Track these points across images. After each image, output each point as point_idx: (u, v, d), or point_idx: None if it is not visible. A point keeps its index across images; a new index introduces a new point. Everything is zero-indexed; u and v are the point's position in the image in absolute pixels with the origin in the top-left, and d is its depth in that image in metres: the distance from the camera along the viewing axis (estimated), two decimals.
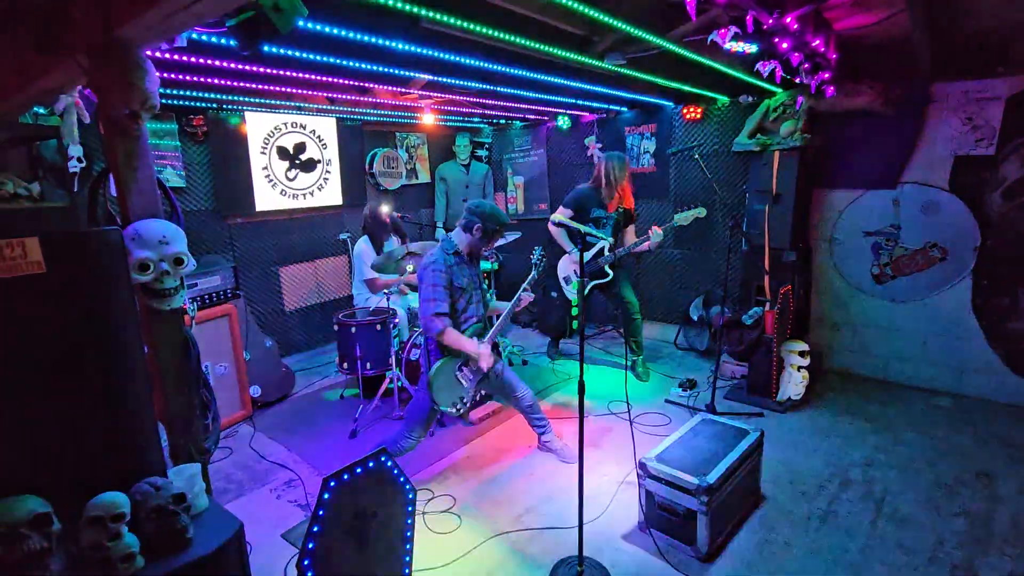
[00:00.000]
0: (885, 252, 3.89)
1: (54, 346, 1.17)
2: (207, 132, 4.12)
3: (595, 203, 3.96)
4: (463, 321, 2.74)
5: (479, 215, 2.67)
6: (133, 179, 1.57)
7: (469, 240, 2.72)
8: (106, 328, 1.24)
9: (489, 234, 2.70)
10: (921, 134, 3.63)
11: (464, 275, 2.71)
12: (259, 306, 4.60)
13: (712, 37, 1.90)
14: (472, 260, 2.80)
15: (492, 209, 2.70)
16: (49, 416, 1.16)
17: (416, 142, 5.87)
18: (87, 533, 1.11)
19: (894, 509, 2.53)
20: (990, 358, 3.57)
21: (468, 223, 2.70)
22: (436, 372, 2.64)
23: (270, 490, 2.91)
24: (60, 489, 1.14)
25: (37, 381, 1.15)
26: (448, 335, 2.60)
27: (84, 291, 1.20)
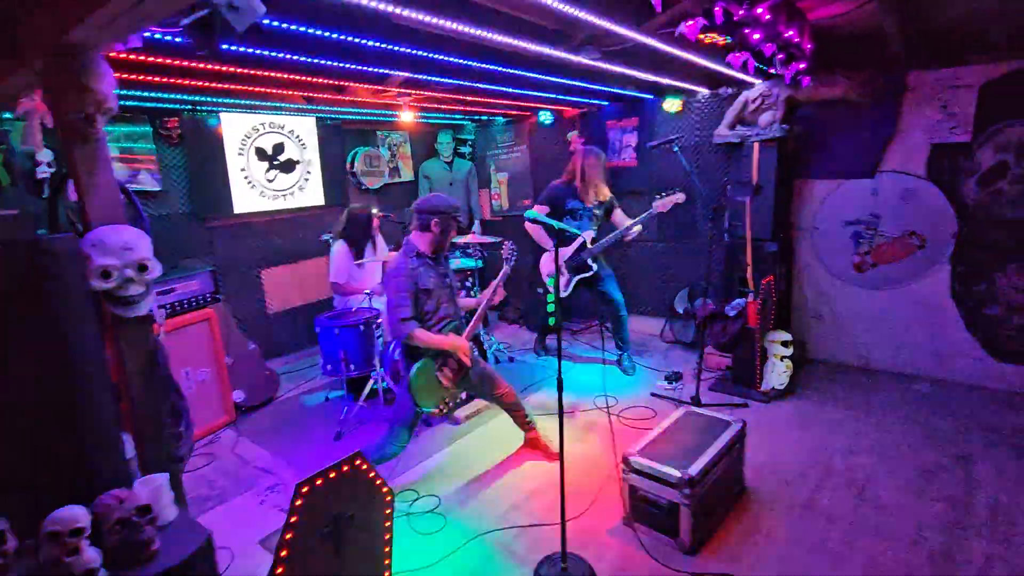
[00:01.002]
0: (865, 241, 3.91)
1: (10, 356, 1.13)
2: (182, 134, 4.06)
3: (570, 195, 3.97)
4: (437, 322, 2.70)
5: (430, 210, 2.64)
6: (92, 184, 1.53)
7: (431, 239, 2.68)
8: (61, 338, 1.21)
9: (448, 224, 2.67)
10: (898, 123, 3.65)
11: (429, 276, 2.67)
12: (241, 309, 4.54)
13: (679, 30, 1.89)
14: (437, 260, 2.75)
15: (439, 199, 2.68)
16: (2, 429, 1.13)
17: (398, 140, 5.82)
18: (45, 549, 1.08)
19: (875, 496, 2.55)
20: (969, 343, 3.61)
21: (423, 222, 2.65)
22: (416, 374, 2.61)
23: (254, 495, 2.88)
24: (17, 504, 1.11)
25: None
26: (418, 335, 2.58)
27: (35, 300, 1.17)
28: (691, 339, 4.66)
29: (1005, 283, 3.43)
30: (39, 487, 1.17)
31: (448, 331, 2.73)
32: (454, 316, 2.79)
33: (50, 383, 1.19)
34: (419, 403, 2.60)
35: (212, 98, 3.64)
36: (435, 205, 2.65)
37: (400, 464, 2.97)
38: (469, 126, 6.16)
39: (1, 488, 1.13)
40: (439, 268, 2.74)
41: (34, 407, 1.17)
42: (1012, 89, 3.24)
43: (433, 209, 2.63)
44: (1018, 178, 3.31)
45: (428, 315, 2.68)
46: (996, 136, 3.36)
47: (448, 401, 2.68)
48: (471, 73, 3.35)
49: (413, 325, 2.57)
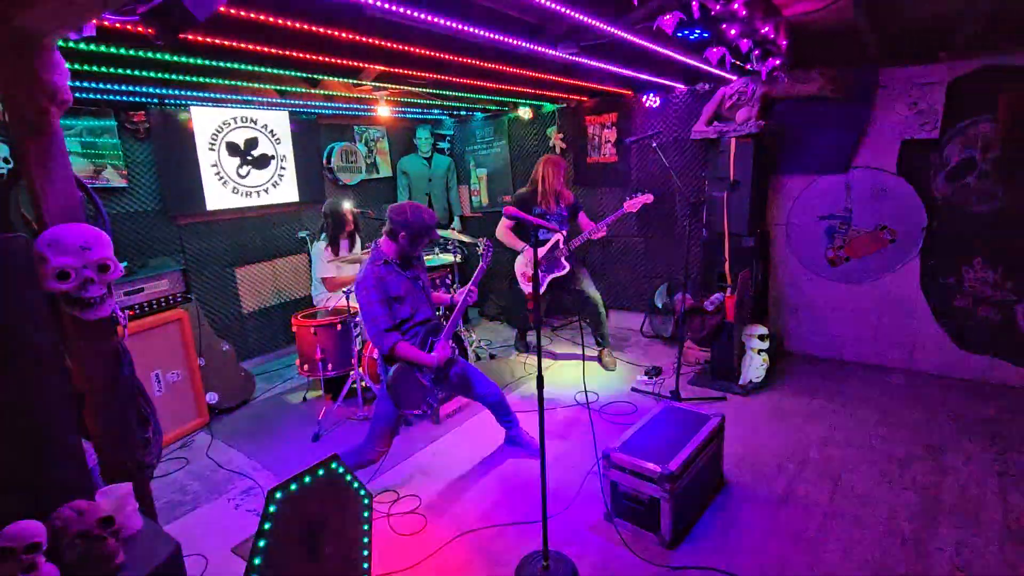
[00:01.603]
0: (839, 235, 3.98)
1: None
2: (150, 128, 3.92)
3: (534, 202, 4.03)
4: (415, 327, 2.65)
5: (402, 223, 2.54)
6: (48, 180, 1.46)
7: (396, 249, 2.61)
8: (14, 343, 1.14)
9: (416, 239, 2.60)
10: (870, 119, 3.72)
11: (400, 282, 2.61)
12: (214, 309, 4.43)
13: (657, 24, 1.88)
14: (407, 264, 2.69)
15: (415, 213, 2.57)
16: None
17: (375, 135, 5.73)
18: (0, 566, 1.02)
19: (850, 485, 2.60)
20: (938, 335, 3.70)
21: (392, 230, 2.57)
22: (395, 377, 2.56)
23: (228, 500, 2.81)
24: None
25: None
26: (399, 349, 2.53)
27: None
28: (670, 333, 4.69)
29: (972, 276, 3.53)
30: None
31: (428, 333, 2.69)
32: (431, 317, 2.75)
33: (2, 391, 1.13)
34: (400, 405, 2.56)
35: (180, 91, 3.53)
36: (408, 220, 2.55)
37: (380, 464, 2.92)
38: (447, 121, 6.09)
39: None
40: (408, 272, 2.68)
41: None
42: (979, 86, 3.32)
43: (404, 223, 2.54)
44: (985, 174, 3.39)
45: (406, 321, 2.63)
46: (964, 132, 3.44)
47: (431, 401, 2.64)
48: (447, 67, 3.30)
49: (395, 337, 2.53)
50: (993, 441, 2.87)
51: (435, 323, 2.76)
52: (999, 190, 3.35)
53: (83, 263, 1.48)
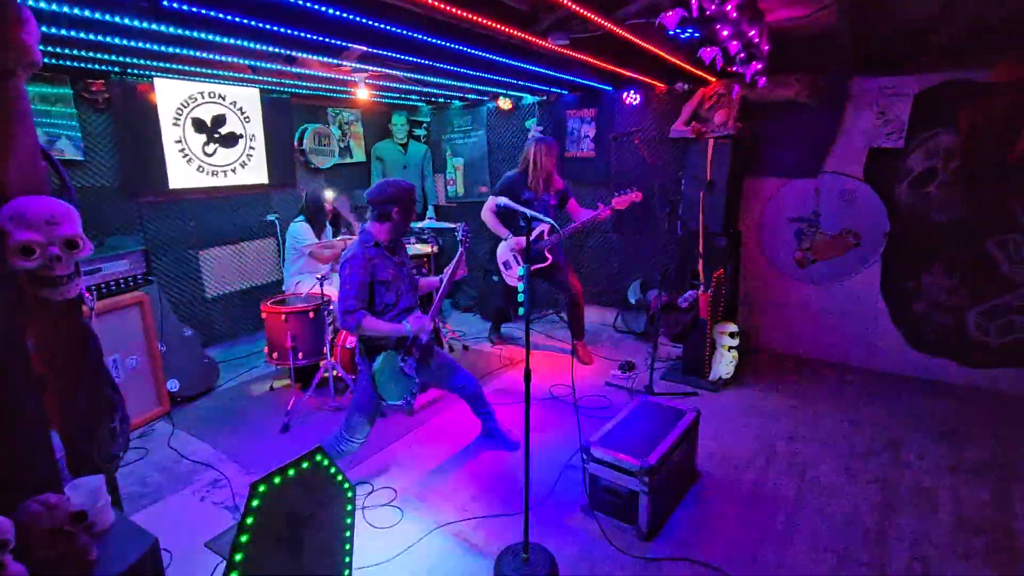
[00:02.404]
0: (807, 238, 4.12)
1: None
2: (109, 99, 3.70)
3: (524, 187, 3.94)
4: (399, 313, 2.59)
5: (388, 199, 2.47)
6: (10, 148, 1.34)
7: (390, 227, 2.54)
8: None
9: (408, 209, 2.55)
10: (840, 126, 3.84)
11: (388, 267, 2.56)
12: (176, 293, 4.23)
13: (660, 20, 1.88)
14: (395, 248, 2.64)
15: (394, 185, 2.51)
16: None
17: (349, 118, 5.57)
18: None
19: (815, 479, 2.70)
20: (895, 337, 3.89)
21: (382, 212, 2.49)
22: (381, 367, 2.50)
23: (193, 492, 2.70)
24: None
25: None
26: (366, 324, 2.44)
27: None
28: (642, 329, 4.76)
29: (930, 282, 3.71)
30: None
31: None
32: (414, 305, 2.70)
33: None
34: (383, 395, 2.49)
35: (145, 60, 3.32)
36: (391, 194, 2.49)
37: (354, 455, 2.86)
38: (425, 108, 5.98)
39: None
40: (395, 257, 2.62)
41: None
42: (943, 99, 3.48)
43: (391, 198, 2.48)
44: (945, 184, 3.56)
45: (389, 307, 2.56)
46: (927, 143, 3.60)
47: (413, 391, 2.58)
48: (433, 51, 3.23)
49: (361, 314, 2.44)
50: (944, 437, 3.04)
51: (417, 312, 2.71)
52: (959, 200, 3.53)
53: (49, 239, 1.37)
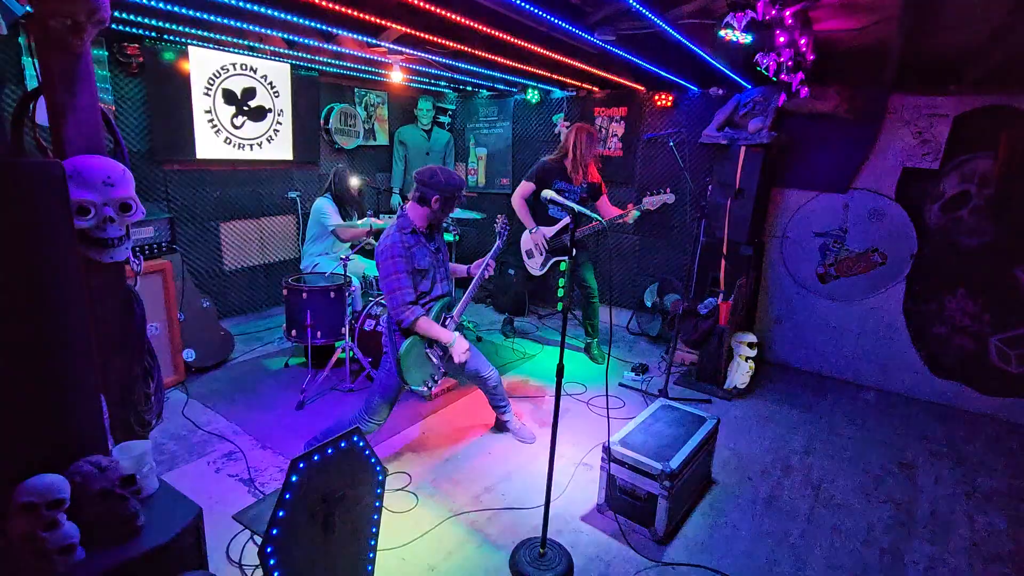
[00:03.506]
0: (831, 253, 4.09)
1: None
2: (143, 64, 3.67)
3: (558, 175, 3.86)
4: (431, 302, 2.58)
5: (434, 185, 2.43)
6: (71, 106, 1.33)
7: (427, 213, 2.50)
8: (40, 281, 1.03)
9: (449, 203, 2.49)
10: (875, 143, 3.80)
11: (425, 254, 2.53)
12: (196, 263, 4.23)
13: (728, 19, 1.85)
14: (432, 234, 2.61)
15: (446, 175, 2.47)
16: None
17: (376, 101, 5.54)
18: (18, 521, 0.93)
19: (830, 495, 2.70)
20: (913, 358, 3.86)
21: (423, 195, 2.45)
22: (406, 351, 2.48)
23: (208, 463, 2.70)
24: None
25: None
26: (421, 325, 2.44)
27: (14, 234, 0.99)
28: (657, 332, 4.75)
29: (953, 305, 3.68)
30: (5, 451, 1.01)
31: (441, 306, 2.61)
32: (448, 293, 2.68)
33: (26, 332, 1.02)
34: (407, 379, 2.48)
35: (182, 27, 3.30)
36: (439, 182, 2.43)
37: (369, 439, 2.85)
38: (451, 95, 5.94)
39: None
40: (432, 244, 2.60)
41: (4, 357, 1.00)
42: (983, 123, 3.44)
43: (436, 185, 2.42)
44: (978, 208, 3.53)
45: (424, 295, 2.54)
46: (963, 166, 3.56)
47: (436, 379, 2.57)
48: (472, 37, 3.20)
49: (418, 312, 2.44)
50: (960, 463, 3.03)
51: (450, 299, 2.70)
52: (990, 226, 3.49)
53: (104, 200, 1.37)
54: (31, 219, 1.00)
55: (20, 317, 1.01)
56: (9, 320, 1.00)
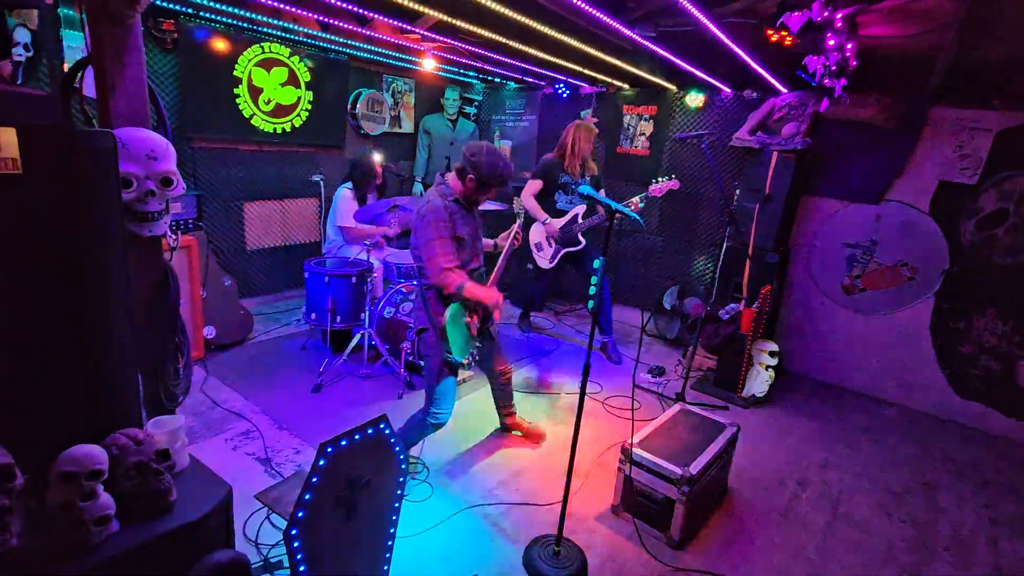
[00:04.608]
0: (859, 265, 4.01)
1: (23, 268, 0.96)
2: (177, 40, 3.69)
3: (561, 170, 3.93)
4: (469, 274, 2.43)
5: (475, 165, 2.31)
6: (120, 78, 1.32)
7: (462, 190, 2.40)
8: (88, 251, 1.03)
9: (483, 187, 2.37)
10: (912, 154, 3.71)
11: (467, 224, 2.40)
12: (219, 242, 4.25)
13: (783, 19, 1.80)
14: (470, 208, 2.48)
15: (491, 159, 2.32)
16: (13, 349, 0.96)
17: (403, 88, 5.52)
18: (57, 490, 0.94)
19: (848, 511, 2.65)
20: (937, 377, 3.78)
21: (462, 170, 2.35)
22: (451, 319, 2.34)
23: (225, 440, 2.73)
24: (21, 437, 0.95)
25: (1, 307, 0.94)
26: (468, 288, 2.28)
27: (66, 204, 0.99)
28: (675, 335, 4.70)
29: (982, 325, 3.60)
30: (44, 417, 1.01)
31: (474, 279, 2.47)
32: (481, 268, 2.57)
33: (72, 302, 1.02)
34: (453, 350, 2.34)
35: (218, 4, 3.30)
36: (478, 163, 2.30)
37: None
38: (478, 86, 5.90)
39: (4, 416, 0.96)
40: (471, 215, 2.47)
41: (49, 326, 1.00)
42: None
43: (477, 166, 2.30)
44: (1015, 227, 3.43)
45: (464, 266, 2.40)
46: (1002, 183, 3.46)
47: (474, 353, 2.44)
48: (508, 27, 3.16)
49: (463, 276, 2.30)
50: (985, 486, 2.96)
51: (481, 273, 2.58)
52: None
53: (147, 173, 1.37)
54: (83, 188, 1.00)
55: (67, 286, 1.01)
56: (56, 289, 1.00)
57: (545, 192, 3.98)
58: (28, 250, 0.95)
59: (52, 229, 0.97)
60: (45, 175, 0.94)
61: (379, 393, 3.34)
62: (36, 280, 0.97)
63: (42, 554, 0.90)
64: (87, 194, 1.01)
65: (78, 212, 1.01)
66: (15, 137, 0.88)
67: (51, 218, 0.97)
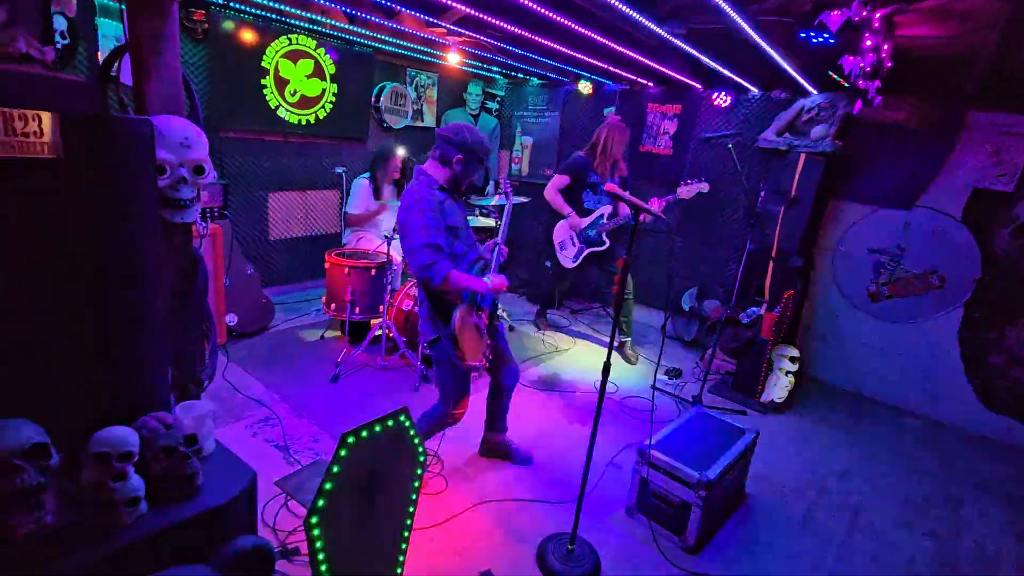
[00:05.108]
0: (885, 271, 3.92)
1: (61, 251, 0.98)
2: (207, 30, 3.73)
3: (591, 169, 3.88)
4: (469, 266, 2.29)
5: (459, 143, 2.16)
6: (157, 65, 1.34)
7: (448, 175, 2.24)
8: (124, 236, 1.05)
9: (472, 164, 2.22)
10: (946, 160, 3.61)
11: (457, 212, 2.26)
12: (243, 230, 4.31)
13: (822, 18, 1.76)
14: (458, 194, 2.34)
15: (470, 133, 2.18)
16: (49, 331, 0.98)
17: (426, 82, 5.53)
18: (89, 471, 0.96)
19: (868, 522, 2.60)
20: (965, 389, 3.69)
21: (444, 155, 2.19)
22: (460, 321, 2.20)
23: (245, 427, 2.77)
24: (56, 417, 0.97)
25: (40, 290, 0.96)
26: (454, 276, 2.12)
27: (103, 189, 1.01)
28: (692, 337, 4.65)
29: (1014, 336, 3.49)
30: (78, 398, 1.03)
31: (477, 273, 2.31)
32: (481, 257, 2.37)
33: (108, 286, 1.04)
34: (465, 353, 2.20)
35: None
36: (464, 140, 2.16)
37: None
38: (501, 81, 5.89)
39: (40, 396, 0.98)
40: (461, 204, 2.35)
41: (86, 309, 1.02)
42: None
43: (461, 144, 2.16)
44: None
45: (459, 257, 2.25)
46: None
47: (486, 353, 2.30)
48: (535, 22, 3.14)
49: (447, 266, 2.11)
50: (1010, 503, 2.88)
51: (484, 262, 2.38)
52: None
53: (180, 160, 1.38)
54: (121, 174, 1.02)
55: (103, 270, 1.03)
56: (93, 272, 1.02)
57: (572, 190, 3.96)
58: (66, 234, 0.97)
59: (89, 213, 0.99)
60: (84, 160, 0.96)
61: (395, 385, 3.36)
62: (72, 263, 0.99)
63: (75, 532, 0.92)
64: (124, 180, 1.03)
65: (114, 197, 1.03)
66: (56, 122, 0.90)
67: (88, 203, 0.98)
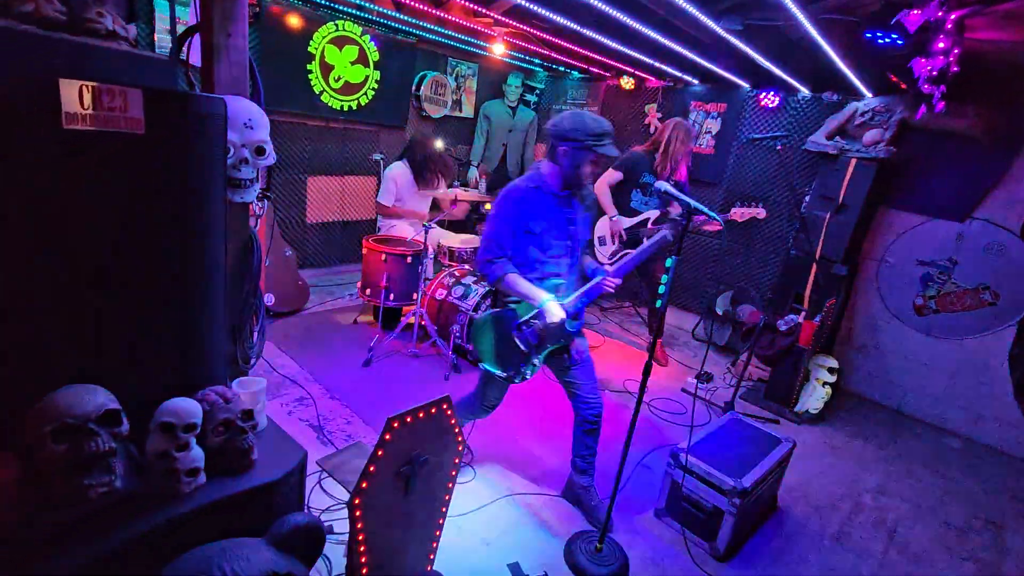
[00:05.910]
0: (934, 285, 3.78)
1: (139, 225, 1.00)
2: (259, 14, 3.79)
3: (647, 168, 3.73)
4: (539, 277, 2.06)
5: (559, 133, 1.92)
6: (225, 46, 1.36)
7: (558, 172, 2.00)
8: (197, 213, 1.07)
9: (581, 157, 1.93)
10: (1007, 171, 3.45)
11: (544, 216, 2.02)
12: (282, 212, 4.39)
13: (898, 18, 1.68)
14: (569, 200, 2.09)
15: (576, 119, 1.91)
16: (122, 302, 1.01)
17: (466, 72, 5.52)
18: (155, 440, 0.98)
19: (905, 541, 2.52)
20: (1012, 409, 3.54)
21: (551, 146, 1.99)
22: (483, 322, 2.08)
23: (281, 404, 2.82)
24: (124, 385, 1.00)
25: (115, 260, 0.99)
26: (508, 280, 1.97)
27: (179, 165, 1.03)
28: (725, 342, 4.57)
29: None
30: (145, 368, 1.06)
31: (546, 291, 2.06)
32: (564, 280, 2.12)
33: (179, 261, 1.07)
34: (481, 355, 2.10)
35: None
36: (562, 128, 1.91)
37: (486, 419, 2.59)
38: (541, 74, 5.84)
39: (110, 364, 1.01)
40: (565, 209, 2.07)
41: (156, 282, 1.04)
42: None
43: (560, 133, 1.92)
44: None
45: (532, 262, 2.05)
46: None
47: (523, 370, 2.09)
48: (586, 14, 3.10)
49: (506, 267, 1.97)
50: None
51: (562, 284, 2.12)
52: None
53: (243, 141, 1.41)
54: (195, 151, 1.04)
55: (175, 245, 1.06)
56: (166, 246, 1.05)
57: (622, 187, 3.81)
58: (144, 208, 1.00)
59: (166, 189, 1.01)
60: (163, 136, 0.98)
61: (426, 373, 3.39)
62: (149, 237, 1.02)
63: (140, 499, 0.95)
64: (198, 156, 1.05)
65: (189, 173, 1.05)
66: (141, 99, 0.92)
67: (165, 178, 1.01)
